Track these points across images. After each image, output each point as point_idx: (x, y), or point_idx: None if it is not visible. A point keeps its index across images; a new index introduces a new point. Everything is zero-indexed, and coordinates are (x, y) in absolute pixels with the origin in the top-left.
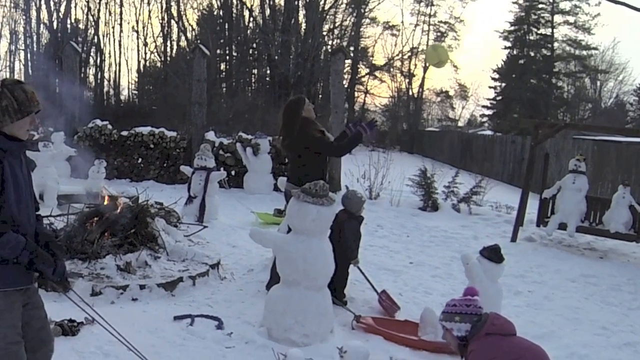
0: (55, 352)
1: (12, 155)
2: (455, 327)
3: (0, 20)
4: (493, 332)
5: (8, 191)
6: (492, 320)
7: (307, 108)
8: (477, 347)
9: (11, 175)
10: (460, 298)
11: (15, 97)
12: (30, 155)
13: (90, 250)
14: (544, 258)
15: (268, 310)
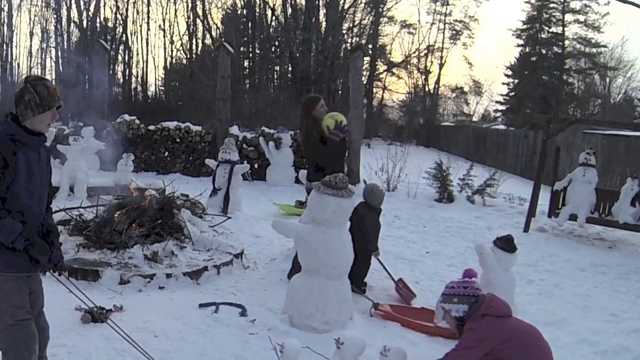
0: (85, 338)
1: (30, 148)
2: (454, 308)
3: (32, 19)
4: (489, 314)
5: (20, 181)
6: (489, 302)
7: (319, 109)
8: (473, 326)
9: (26, 166)
10: (459, 280)
11: (38, 92)
12: (61, 149)
13: (118, 240)
14: (555, 248)
15: (290, 298)
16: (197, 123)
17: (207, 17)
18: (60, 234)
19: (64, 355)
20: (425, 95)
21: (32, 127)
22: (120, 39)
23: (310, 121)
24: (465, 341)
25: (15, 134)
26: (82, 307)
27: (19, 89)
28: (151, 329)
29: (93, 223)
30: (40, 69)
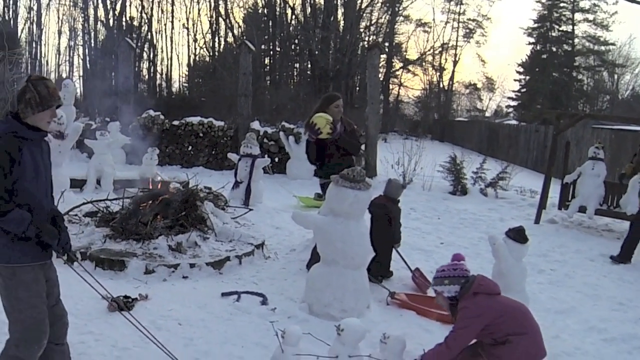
0: (112, 326)
1: (33, 143)
2: (446, 289)
3: (60, 18)
4: (480, 292)
5: (27, 175)
6: (479, 281)
7: (333, 108)
8: (466, 304)
9: (31, 161)
10: (449, 264)
11: (38, 91)
12: (88, 144)
13: (144, 231)
14: (565, 239)
15: (309, 287)
16: (219, 118)
17: (229, 16)
18: (88, 225)
19: (91, 342)
20: (440, 92)
21: (32, 124)
22: (145, 37)
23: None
24: (461, 321)
25: (17, 131)
26: (109, 296)
27: (21, 88)
28: (175, 317)
29: (119, 215)
30: (69, 66)
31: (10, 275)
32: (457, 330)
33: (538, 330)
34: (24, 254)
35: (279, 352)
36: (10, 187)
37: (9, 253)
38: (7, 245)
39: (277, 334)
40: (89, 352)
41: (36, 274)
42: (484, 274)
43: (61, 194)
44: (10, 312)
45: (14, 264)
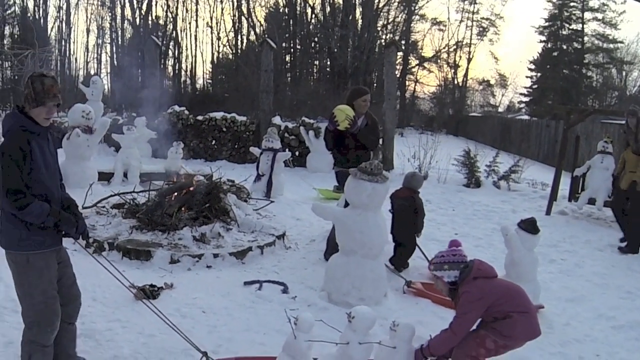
0: (137, 314)
1: (39, 136)
2: (446, 274)
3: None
4: (479, 276)
5: (39, 167)
6: (478, 266)
7: (360, 102)
8: (467, 289)
9: (40, 153)
10: (447, 250)
11: (34, 87)
12: (115, 138)
13: (169, 222)
14: (575, 230)
15: (328, 276)
16: (242, 113)
17: (252, 15)
18: (115, 216)
19: (119, 329)
20: (455, 88)
21: (34, 118)
22: (170, 36)
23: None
24: (464, 306)
25: (25, 125)
26: (136, 285)
27: (25, 83)
28: (199, 305)
29: (145, 207)
30: (96, 64)
31: (24, 262)
32: (461, 315)
33: (534, 310)
34: (36, 242)
35: (292, 338)
36: (27, 181)
37: (22, 241)
38: (21, 233)
39: (290, 320)
40: (117, 339)
41: (48, 261)
42: (497, 263)
43: (89, 187)
44: (23, 297)
45: (27, 251)
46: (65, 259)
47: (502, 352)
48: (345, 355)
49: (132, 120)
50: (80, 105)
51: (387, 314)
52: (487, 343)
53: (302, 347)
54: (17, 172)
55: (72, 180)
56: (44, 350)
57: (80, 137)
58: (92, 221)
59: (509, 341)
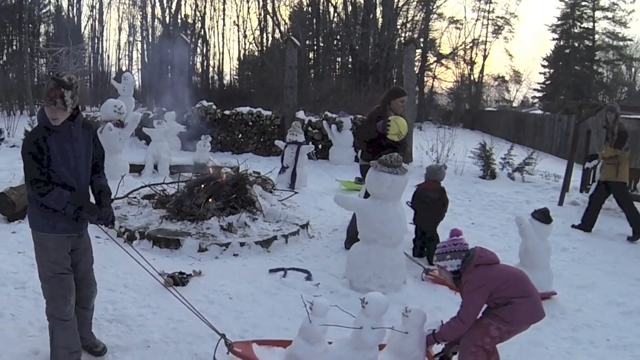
0: (167, 301)
1: (59, 133)
2: (448, 264)
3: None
4: (481, 263)
5: (56, 161)
6: (479, 253)
7: (398, 102)
8: (470, 277)
9: (58, 148)
10: (448, 240)
11: (45, 88)
12: (146, 132)
13: (197, 212)
14: None
15: (350, 264)
16: (267, 108)
17: (277, 14)
18: (146, 207)
19: (149, 315)
20: (471, 84)
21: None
22: (199, 34)
23: (382, 107)
24: (468, 294)
25: (46, 123)
26: (165, 272)
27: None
28: (226, 291)
29: (175, 197)
30: (128, 60)
31: (39, 241)
32: (467, 304)
33: (537, 293)
34: (50, 226)
35: (307, 323)
36: (45, 171)
37: (40, 222)
38: (40, 216)
39: (305, 306)
40: (147, 324)
41: (59, 244)
42: (512, 252)
43: (121, 178)
44: (40, 271)
45: (41, 232)
46: (83, 247)
47: (507, 337)
48: (358, 339)
49: (162, 115)
50: (113, 100)
51: (406, 301)
52: (492, 331)
53: (317, 331)
54: (34, 164)
55: (105, 172)
56: (63, 324)
57: (113, 131)
58: (124, 211)
59: (512, 326)
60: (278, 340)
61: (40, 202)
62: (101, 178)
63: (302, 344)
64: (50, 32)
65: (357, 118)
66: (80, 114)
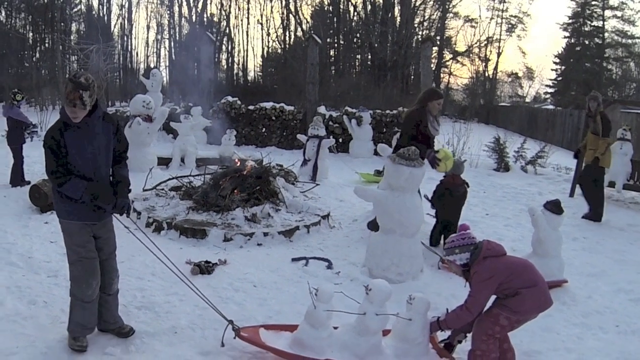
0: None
1: (80, 129)
2: (457, 257)
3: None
4: (489, 256)
5: (73, 154)
6: (487, 246)
7: (435, 104)
8: (478, 269)
9: (75, 143)
10: (457, 234)
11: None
12: (173, 126)
13: (223, 204)
14: None
15: (369, 253)
16: (290, 103)
17: (299, 13)
18: (173, 198)
19: (176, 302)
20: (485, 80)
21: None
22: (224, 32)
23: (421, 109)
24: (476, 285)
25: (66, 120)
26: (192, 261)
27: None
28: (250, 279)
29: (201, 189)
30: (156, 57)
31: (64, 227)
32: (474, 294)
33: (544, 282)
34: (70, 213)
35: (312, 308)
36: (63, 163)
37: (62, 210)
38: (61, 204)
39: (311, 292)
40: (175, 311)
41: (79, 230)
42: (525, 241)
43: (149, 171)
44: (68, 255)
45: (64, 219)
46: (105, 237)
47: (516, 326)
48: (362, 325)
49: (188, 110)
50: (141, 96)
51: (423, 288)
52: (501, 320)
53: (321, 316)
54: (52, 156)
55: (134, 165)
56: (83, 305)
57: (141, 125)
58: (152, 202)
59: (520, 316)
60: (285, 325)
61: (60, 192)
62: (122, 169)
63: (307, 328)
64: (81, 30)
65: (376, 113)
66: (98, 108)
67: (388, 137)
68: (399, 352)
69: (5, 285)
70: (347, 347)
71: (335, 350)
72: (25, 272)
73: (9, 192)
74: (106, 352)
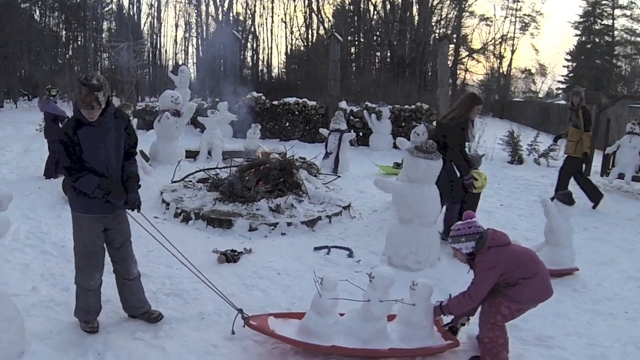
0: (220, 275)
1: (92, 126)
2: (463, 246)
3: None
4: (493, 245)
5: (86, 150)
6: (492, 235)
7: (475, 110)
8: (483, 258)
9: (88, 139)
10: (463, 222)
11: (78, 93)
12: (200, 120)
13: (248, 195)
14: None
15: (388, 242)
16: (312, 99)
17: (321, 12)
18: (200, 190)
19: (203, 289)
20: (500, 76)
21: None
22: (249, 30)
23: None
24: (480, 274)
25: (79, 118)
26: (218, 250)
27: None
28: (275, 267)
29: (227, 181)
30: (184, 55)
31: (74, 219)
32: (477, 282)
33: (546, 272)
34: (82, 207)
35: (317, 297)
36: (77, 159)
37: (75, 203)
38: (74, 198)
39: (315, 281)
40: (202, 297)
41: (90, 223)
42: (538, 231)
43: (178, 163)
44: (74, 245)
45: (76, 212)
46: (116, 228)
47: (517, 315)
48: (367, 311)
49: (215, 105)
50: (170, 92)
51: (440, 276)
52: (502, 309)
53: (326, 304)
54: (66, 153)
55: (163, 158)
56: (85, 292)
57: (170, 120)
58: (180, 194)
59: (520, 305)
60: (294, 313)
61: (74, 186)
62: (132, 165)
63: (314, 316)
64: (112, 29)
65: (395, 108)
66: (111, 106)
67: (407, 131)
68: (404, 336)
69: (39, 273)
70: (353, 332)
71: (341, 336)
72: (59, 260)
73: (43, 183)
74: (136, 337)
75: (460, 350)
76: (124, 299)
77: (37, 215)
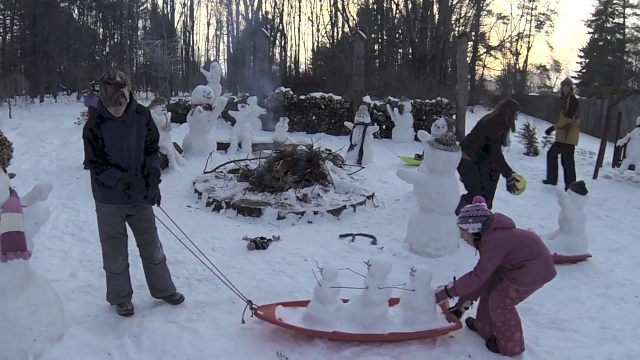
0: (249, 261)
1: (113, 122)
2: (470, 226)
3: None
4: (499, 227)
5: (108, 145)
6: (497, 218)
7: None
8: (488, 238)
9: (110, 135)
10: (472, 205)
11: (103, 92)
12: (231, 114)
13: (276, 185)
14: (617, 191)
15: (410, 230)
16: (337, 93)
17: (346, 10)
18: (231, 180)
19: (234, 275)
20: (516, 72)
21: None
22: (277, 28)
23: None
24: (485, 254)
25: (102, 113)
26: (248, 237)
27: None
28: (302, 254)
29: (256, 172)
30: (215, 51)
31: (97, 208)
32: (483, 262)
33: (548, 254)
34: (103, 196)
35: (318, 286)
36: (100, 153)
37: (97, 193)
38: (97, 188)
39: (314, 272)
40: (233, 283)
41: (111, 211)
42: (552, 220)
43: (209, 155)
44: (99, 232)
45: (97, 201)
46: (137, 216)
47: (524, 297)
48: (366, 298)
49: (245, 99)
50: (202, 87)
51: (459, 262)
52: (510, 292)
53: (327, 293)
54: (89, 147)
55: (195, 150)
56: (112, 275)
57: (202, 113)
58: (212, 184)
59: (526, 287)
60: (301, 301)
61: (97, 179)
62: (153, 160)
63: (317, 304)
64: (147, 27)
65: (416, 102)
66: (133, 102)
67: (427, 124)
68: (406, 320)
69: (78, 259)
70: (355, 318)
71: (344, 322)
72: (96, 247)
73: (81, 174)
74: (170, 320)
75: (475, 334)
76: (150, 282)
77: (76, 204)
